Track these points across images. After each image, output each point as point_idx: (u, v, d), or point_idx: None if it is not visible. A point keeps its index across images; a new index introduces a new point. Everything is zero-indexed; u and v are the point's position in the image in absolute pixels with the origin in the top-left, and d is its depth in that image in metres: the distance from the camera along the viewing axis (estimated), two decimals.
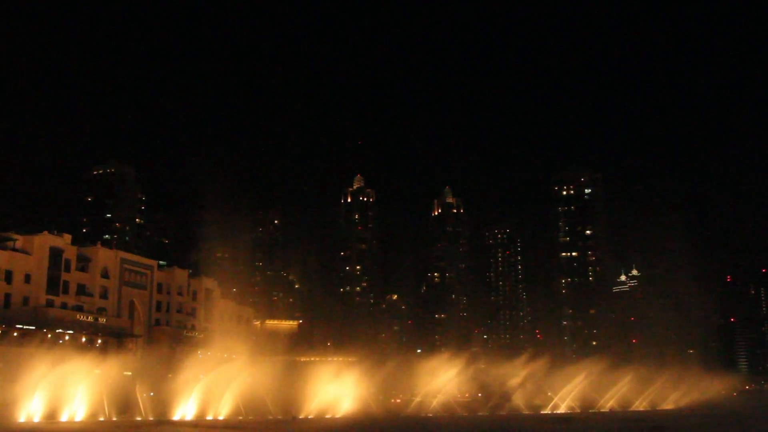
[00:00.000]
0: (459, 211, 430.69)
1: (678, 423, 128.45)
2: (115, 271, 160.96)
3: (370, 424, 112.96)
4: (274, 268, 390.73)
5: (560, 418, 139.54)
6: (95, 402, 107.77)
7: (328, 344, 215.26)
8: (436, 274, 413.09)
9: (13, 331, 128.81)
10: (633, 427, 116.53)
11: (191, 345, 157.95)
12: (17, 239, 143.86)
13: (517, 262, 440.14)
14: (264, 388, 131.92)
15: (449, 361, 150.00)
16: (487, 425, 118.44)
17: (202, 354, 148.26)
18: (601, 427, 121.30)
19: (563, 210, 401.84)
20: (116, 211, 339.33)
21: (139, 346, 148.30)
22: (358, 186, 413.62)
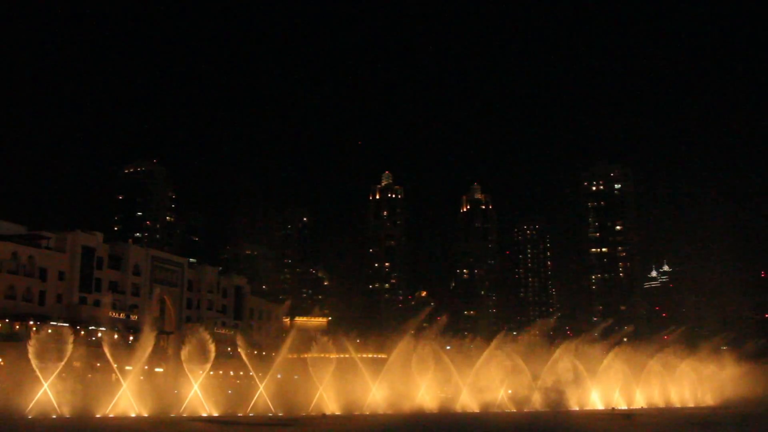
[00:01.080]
0: (488, 207, 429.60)
1: (739, 420, 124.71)
2: (146, 269, 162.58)
3: (414, 422, 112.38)
4: (303, 265, 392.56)
5: (621, 415, 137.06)
6: (126, 398, 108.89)
7: (357, 341, 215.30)
8: (464, 270, 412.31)
9: (47, 328, 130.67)
10: (701, 424, 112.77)
11: (221, 342, 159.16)
12: (51, 238, 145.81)
13: (546, 259, 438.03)
14: (293, 385, 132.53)
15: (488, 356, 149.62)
16: (543, 422, 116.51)
17: (232, 351, 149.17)
18: (665, 423, 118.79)
19: (593, 205, 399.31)
20: (147, 209, 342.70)
21: (170, 343, 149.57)
22: (386, 183, 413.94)
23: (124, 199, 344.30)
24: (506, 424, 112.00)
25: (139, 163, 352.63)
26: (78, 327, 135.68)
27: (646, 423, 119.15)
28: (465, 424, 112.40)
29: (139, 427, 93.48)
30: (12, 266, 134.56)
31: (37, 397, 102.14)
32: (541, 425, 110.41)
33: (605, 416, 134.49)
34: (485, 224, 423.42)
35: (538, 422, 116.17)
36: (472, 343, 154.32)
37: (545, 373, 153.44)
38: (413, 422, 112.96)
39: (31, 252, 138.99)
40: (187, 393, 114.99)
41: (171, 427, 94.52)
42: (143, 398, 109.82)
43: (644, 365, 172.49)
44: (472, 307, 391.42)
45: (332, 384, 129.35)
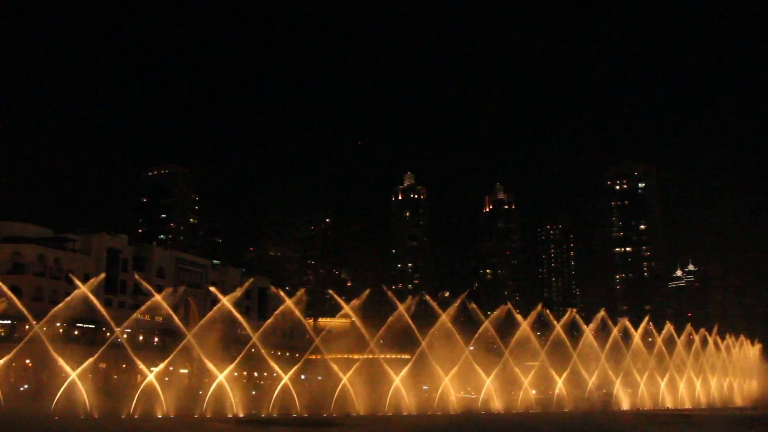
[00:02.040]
0: (510, 207, 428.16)
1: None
2: (170, 271, 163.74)
3: (463, 422, 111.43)
4: (326, 266, 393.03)
5: (678, 415, 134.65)
6: (151, 399, 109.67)
7: (380, 342, 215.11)
8: (487, 270, 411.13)
9: (74, 330, 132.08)
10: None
11: (245, 343, 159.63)
12: (76, 240, 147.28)
13: (570, 258, 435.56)
14: (317, 386, 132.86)
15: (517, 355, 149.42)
16: (594, 423, 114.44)
17: (255, 352, 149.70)
18: (725, 424, 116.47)
19: (616, 204, 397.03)
20: (171, 211, 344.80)
21: (194, 345, 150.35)
22: (408, 184, 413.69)
23: (148, 202, 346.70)
24: (566, 424, 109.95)
25: (163, 166, 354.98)
26: (104, 329, 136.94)
27: (710, 423, 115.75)
28: (520, 424, 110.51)
29: (174, 428, 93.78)
30: (39, 269, 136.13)
31: (57, 398, 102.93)
32: (617, 427, 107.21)
33: (665, 416, 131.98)
34: (508, 224, 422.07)
35: (591, 422, 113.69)
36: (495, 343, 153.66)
37: (593, 373, 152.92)
38: (462, 423, 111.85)
39: (57, 254, 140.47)
40: (212, 393, 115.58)
41: (210, 428, 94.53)
42: (168, 399, 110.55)
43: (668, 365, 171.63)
44: (494, 307, 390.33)
45: (355, 384, 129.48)
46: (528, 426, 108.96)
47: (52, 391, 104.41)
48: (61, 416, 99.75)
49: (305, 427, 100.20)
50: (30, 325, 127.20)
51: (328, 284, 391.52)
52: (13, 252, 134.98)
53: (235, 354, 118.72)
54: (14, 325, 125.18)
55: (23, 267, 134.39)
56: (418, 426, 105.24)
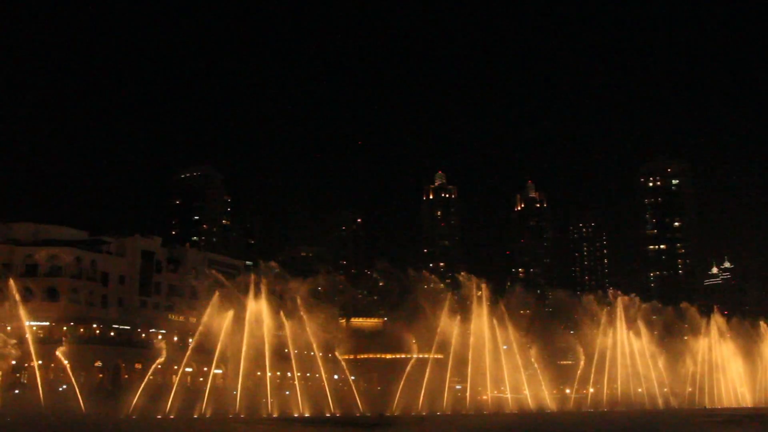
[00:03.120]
0: (542, 205, 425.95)
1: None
2: (203, 272, 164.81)
3: (535, 420, 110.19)
4: (358, 265, 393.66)
5: (746, 415, 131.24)
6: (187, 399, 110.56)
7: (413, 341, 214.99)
8: (520, 269, 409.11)
9: (110, 331, 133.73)
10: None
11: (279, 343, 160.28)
12: (111, 242, 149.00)
13: (603, 256, 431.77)
14: (350, 386, 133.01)
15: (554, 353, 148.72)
16: (679, 421, 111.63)
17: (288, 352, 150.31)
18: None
19: (650, 202, 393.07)
20: (204, 213, 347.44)
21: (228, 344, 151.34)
22: (439, 183, 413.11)
23: (181, 204, 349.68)
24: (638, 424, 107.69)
25: (195, 168, 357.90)
26: (139, 330, 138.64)
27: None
28: (586, 424, 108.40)
29: (221, 428, 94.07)
30: (75, 271, 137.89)
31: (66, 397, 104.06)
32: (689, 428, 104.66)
33: (731, 415, 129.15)
34: (540, 222, 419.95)
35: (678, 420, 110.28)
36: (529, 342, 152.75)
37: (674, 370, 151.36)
38: (535, 421, 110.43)
39: (93, 257, 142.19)
40: (246, 394, 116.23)
41: (250, 428, 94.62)
42: (202, 399, 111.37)
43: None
44: (527, 306, 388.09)
45: (387, 384, 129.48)
46: (602, 426, 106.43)
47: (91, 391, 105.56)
48: (99, 416, 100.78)
49: (357, 427, 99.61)
50: (67, 326, 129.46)
51: (360, 284, 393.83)
52: (51, 255, 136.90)
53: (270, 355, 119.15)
54: (52, 327, 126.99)
55: (60, 269, 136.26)
56: (483, 426, 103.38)
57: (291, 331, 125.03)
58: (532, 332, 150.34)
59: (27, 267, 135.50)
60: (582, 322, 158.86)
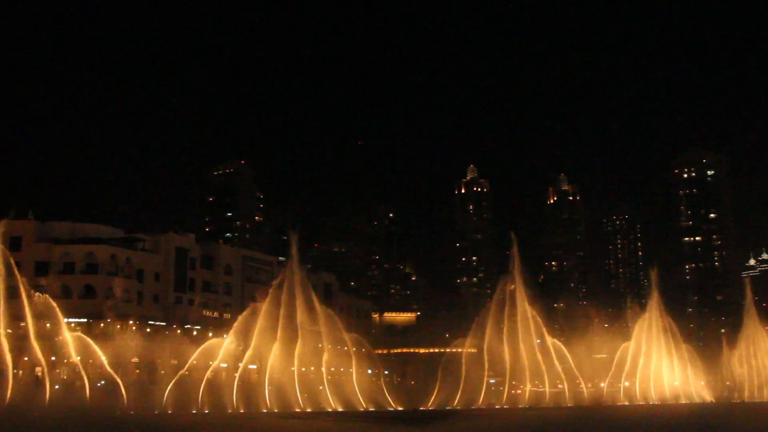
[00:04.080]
0: (575, 198, 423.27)
1: None
2: (237, 268, 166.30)
3: (580, 416, 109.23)
4: (390, 261, 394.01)
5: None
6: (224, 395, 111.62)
7: (446, 336, 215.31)
8: (553, 263, 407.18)
9: (146, 327, 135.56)
10: None
11: (313, 338, 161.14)
12: (146, 240, 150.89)
13: (637, 249, 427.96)
14: (383, 380, 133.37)
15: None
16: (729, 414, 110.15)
17: (323, 347, 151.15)
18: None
19: (685, 193, 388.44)
20: (237, 209, 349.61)
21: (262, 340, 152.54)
22: (471, 177, 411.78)
23: (214, 201, 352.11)
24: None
25: (228, 165, 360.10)
26: (174, 326, 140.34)
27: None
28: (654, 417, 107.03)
29: (257, 423, 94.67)
30: (111, 268, 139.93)
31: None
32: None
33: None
34: (573, 215, 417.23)
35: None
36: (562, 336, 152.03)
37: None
38: (594, 414, 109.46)
39: (128, 254, 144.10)
40: (280, 389, 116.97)
41: (304, 423, 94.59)
42: (238, 395, 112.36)
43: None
44: (561, 299, 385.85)
45: (421, 378, 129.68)
46: (669, 419, 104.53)
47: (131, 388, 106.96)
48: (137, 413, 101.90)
49: (396, 421, 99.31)
50: (104, 323, 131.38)
51: (393, 279, 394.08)
52: (87, 252, 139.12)
53: (304, 350, 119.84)
54: (90, 324, 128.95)
55: (96, 267, 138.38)
56: (544, 419, 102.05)
57: (324, 326, 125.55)
58: (566, 325, 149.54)
59: (65, 265, 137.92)
60: (615, 315, 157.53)
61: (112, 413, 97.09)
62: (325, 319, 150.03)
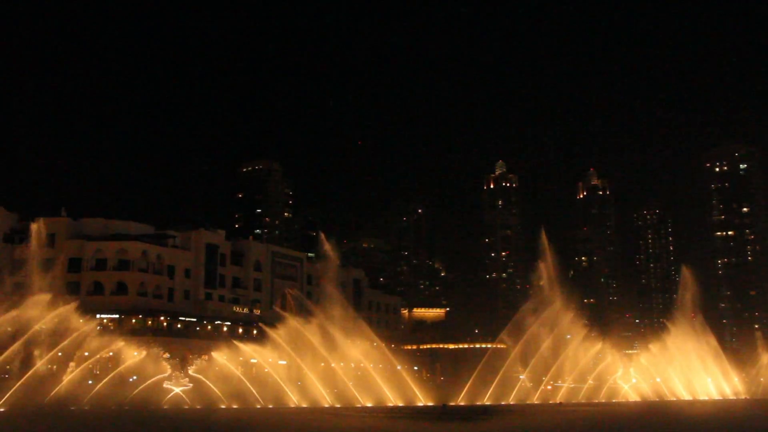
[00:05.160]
0: (605, 193, 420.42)
1: None
2: (266, 264, 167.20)
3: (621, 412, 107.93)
4: (419, 256, 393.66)
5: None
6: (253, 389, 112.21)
7: (476, 331, 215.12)
8: (583, 258, 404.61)
9: (177, 323, 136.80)
10: None
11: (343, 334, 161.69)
12: (177, 236, 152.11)
13: (668, 244, 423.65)
14: (411, 376, 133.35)
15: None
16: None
17: (351, 342, 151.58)
18: None
19: (717, 187, 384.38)
20: (266, 206, 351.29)
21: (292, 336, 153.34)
22: (500, 172, 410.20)
23: (243, 197, 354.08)
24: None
25: (257, 162, 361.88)
26: (205, 322, 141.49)
27: None
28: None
29: (291, 418, 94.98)
30: (142, 265, 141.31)
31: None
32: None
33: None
34: (603, 210, 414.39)
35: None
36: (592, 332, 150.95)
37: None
38: (657, 410, 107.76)
39: (159, 251, 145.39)
40: (308, 384, 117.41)
41: (341, 420, 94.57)
42: (268, 390, 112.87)
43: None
44: (591, 295, 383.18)
45: (449, 374, 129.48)
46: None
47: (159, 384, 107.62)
48: (169, 408, 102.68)
49: (465, 418, 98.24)
50: (136, 318, 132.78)
51: (423, 274, 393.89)
52: (119, 249, 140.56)
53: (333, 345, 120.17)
54: (121, 319, 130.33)
55: (128, 263, 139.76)
56: (608, 415, 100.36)
57: (353, 321, 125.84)
58: (596, 321, 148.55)
59: (97, 261, 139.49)
60: (646, 310, 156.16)
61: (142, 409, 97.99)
62: (354, 314, 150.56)
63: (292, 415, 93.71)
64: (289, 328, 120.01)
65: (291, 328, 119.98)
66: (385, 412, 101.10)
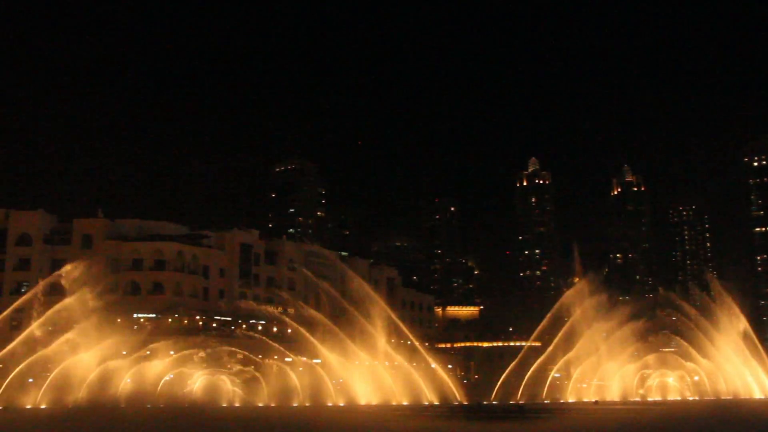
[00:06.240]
0: (640, 189, 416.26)
1: None
2: (300, 263, 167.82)
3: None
4: (452, 254, 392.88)
5: None
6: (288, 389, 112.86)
7: (510, 329, 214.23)
8: (618, 255, 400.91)
9: (212, 323, 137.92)
10: None
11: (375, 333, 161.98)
12: (211, 236, 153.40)
13: (705, 240, 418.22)
14: (445, 374, 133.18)
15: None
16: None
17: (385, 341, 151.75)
18: None
19: (755, 182, 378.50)
20: (299, 205, 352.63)
21: (326, 335, 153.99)
22: (533, 169, 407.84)
23: (276, 197, 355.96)
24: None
25: (290, 162, 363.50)
26: (240, 321, 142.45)
27: None
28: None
29: (337, 416, 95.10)
30: (178, 265, 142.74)
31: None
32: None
33: None
34: (638, 206, 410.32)
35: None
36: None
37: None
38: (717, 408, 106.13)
39: (194, 251, 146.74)
40: (346, 383, 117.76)
41: (374, 416, 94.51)
42: (305, 388, 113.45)
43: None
44: (626, 292, 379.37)
45: (483, 372, 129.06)
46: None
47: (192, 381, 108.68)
48: (217, 406, 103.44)
49: (498, 415, 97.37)
50: (172, 318, 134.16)
51: (456, 273, 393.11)
52: (155, 249, 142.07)
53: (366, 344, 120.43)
54: (159, 319, 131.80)
55: (164, 264, 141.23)
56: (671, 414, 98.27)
57: (387, 320, 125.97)
58: (633, 319, 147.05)
59: (134, 262, 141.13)
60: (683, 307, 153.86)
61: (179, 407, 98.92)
62: (388, 314, 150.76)
63: (358, 414, 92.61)
64: (323, 327, 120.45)
65: (325, 326, 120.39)
66: (421, 411, 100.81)
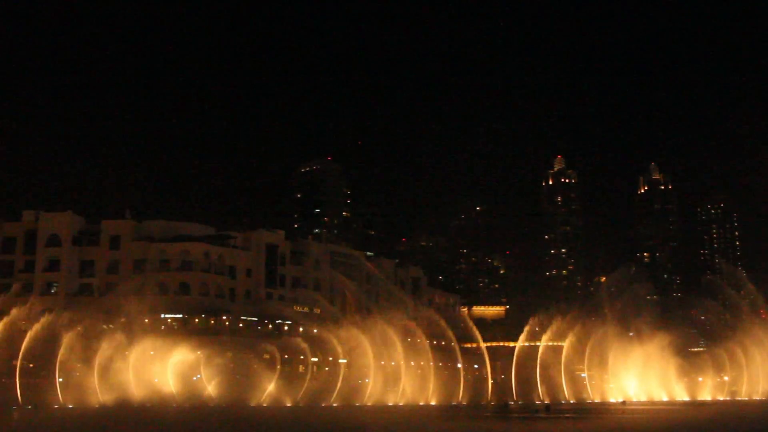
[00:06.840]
0: (667, 187, 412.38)
1: None
2: (326, 263, 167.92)
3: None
4: (478, 254, 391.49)
5: None
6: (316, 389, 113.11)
7: (537, 329, 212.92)
8: (645, 254, 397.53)
9: (239, 323, 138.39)
10: None
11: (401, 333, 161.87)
12: (237, 237, 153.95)
13: (734, 238, 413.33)
14: (471, 374, 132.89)
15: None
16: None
17: (411, 341, 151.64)
18: None
19: None
20: (324, 205, 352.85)
21: (352, 335, 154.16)
22: (559, 168, 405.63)
23: (302, 197, 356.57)
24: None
25: (315, 162, 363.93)
26: (266, 321, 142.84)
27: None
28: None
29: (380, 415, 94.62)
30: (204, 265, 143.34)
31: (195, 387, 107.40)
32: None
33: None
34: (665, 205, 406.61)
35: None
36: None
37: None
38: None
39: (220, 251, 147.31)
40: (371, 382, 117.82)
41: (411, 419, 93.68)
42: (331, 389, 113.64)
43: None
44: (655, 291, 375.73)
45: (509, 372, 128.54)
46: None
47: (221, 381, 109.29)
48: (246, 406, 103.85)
49: (526, 415, 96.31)
50: (199, 318, 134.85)
51: (481, 272, 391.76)
52: (182, 250, 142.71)
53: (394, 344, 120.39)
54: (186, 319, 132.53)
55: (191, 264, 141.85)
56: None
57: (413, 321, 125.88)
58: (661, 318, 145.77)
59: (161, 262, 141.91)
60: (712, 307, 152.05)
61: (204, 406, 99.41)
62: (414, 312, 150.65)
63: (393, 415, 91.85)
64: (349, 327, 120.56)
65: (351, 326, 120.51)
66: (451, 411, 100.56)
